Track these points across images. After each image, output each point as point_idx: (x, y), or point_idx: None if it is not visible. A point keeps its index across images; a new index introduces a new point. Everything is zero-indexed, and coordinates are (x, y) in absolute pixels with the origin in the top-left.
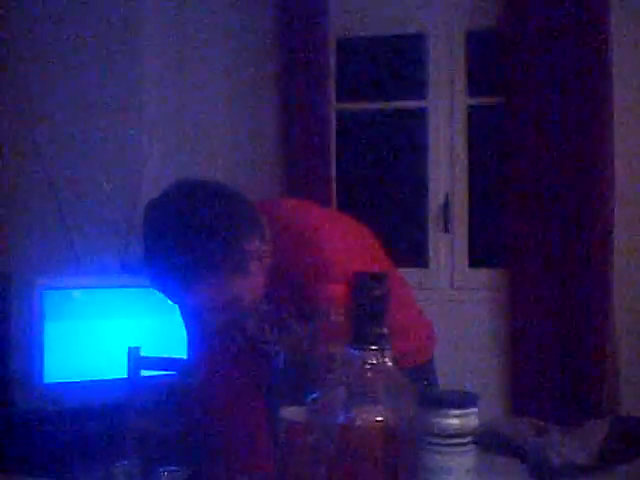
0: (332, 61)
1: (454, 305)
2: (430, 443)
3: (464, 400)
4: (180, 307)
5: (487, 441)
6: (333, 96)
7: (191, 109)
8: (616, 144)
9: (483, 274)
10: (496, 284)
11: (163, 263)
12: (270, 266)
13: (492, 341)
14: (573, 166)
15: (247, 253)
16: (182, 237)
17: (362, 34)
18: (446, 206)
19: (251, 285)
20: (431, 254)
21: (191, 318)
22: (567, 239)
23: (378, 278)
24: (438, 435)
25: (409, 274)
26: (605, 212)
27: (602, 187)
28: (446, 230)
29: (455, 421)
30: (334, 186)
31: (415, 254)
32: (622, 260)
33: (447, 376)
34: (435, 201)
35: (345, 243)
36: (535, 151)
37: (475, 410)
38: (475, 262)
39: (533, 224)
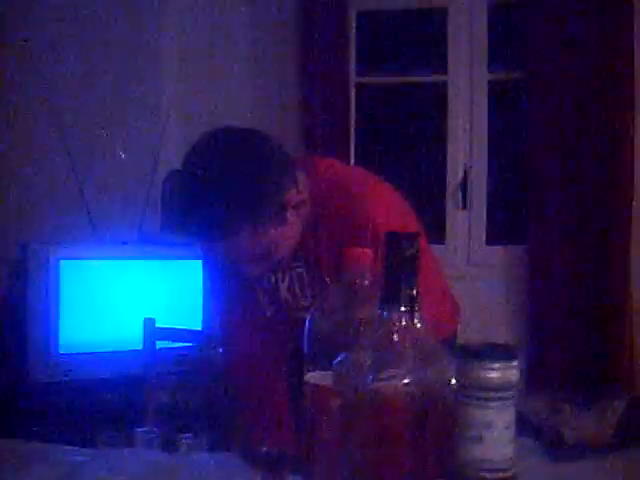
0: (352, 34)
1: (470, 282)
2: (470, 397)
3: (505, 353)
4: (212, 267)
5: None
6: (353, 69)
7: (210, 79)
8: (637, 118)
9: (500, 251)
10: (513, 261)
11: (201, 212)
12: (310, 223)
13: (509, 318)
14: (593, 141)
15: (285, 201)
16: (221, 185)
17: (382, 7)
18: (464, 182)
19: (288, 234)
20: (448, 230)
21: (222, 279)
22: (585, 216)
23: (411, 238)
24: (479, 389)
25: None
26: (625, 188)
27: (622, 162)
28: (464, 206)
29: (496, 374)
30: (352, 159)
31: (432, 230)
32: None
33: None
34: (453, 177)
35: (391, 203)
36: (555, 127)
37: (516, 364)
38: (492, 238)
39: (551, 200)
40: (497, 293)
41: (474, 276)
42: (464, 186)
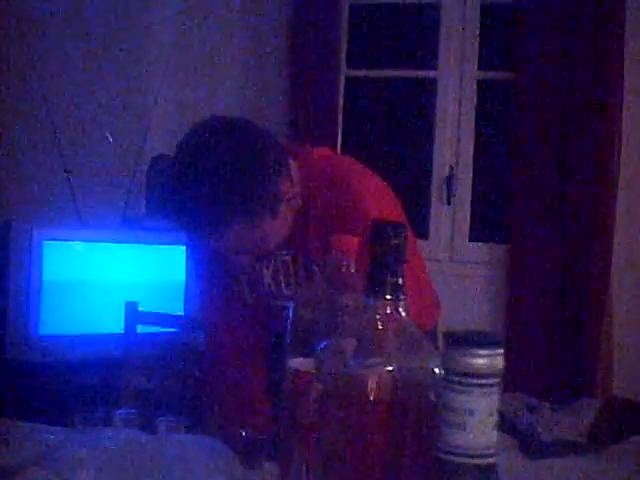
0: (344, 27)
1: (452, 278)
2: (455, 383)
3: (492, 340)
4: (196, 253)
5: None
6: (343, 62)
7: (199, 67)
8: (625, 124)
9: (483, 248)
10: (495, 259)
11: (194, 204)
12: (301, 212)
13: (489, 316)
14: (579, 144)
15: (277, 194)
16: (214, 177)
17: (375, 1)
18: (450, 178)
19: (279, 226)
20: (432, 226)
21: (205, 265)
22: (569, 216)
23: (397, 228)
24: (464, 375)
25: None
26: (608, 190)
27: (607, 165)
28: (448, 202)
29: (482, 361)
30: (339, 152)
31: (416, 225)
32: (623, 240)
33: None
34: (439, 173)
35: (384, 195)
36: (542, 128)
37: (501, 352)
38: (475, 236)
39: (535, 200)
40: (478, 290)
41: (456, 272)
42: (449, 182)
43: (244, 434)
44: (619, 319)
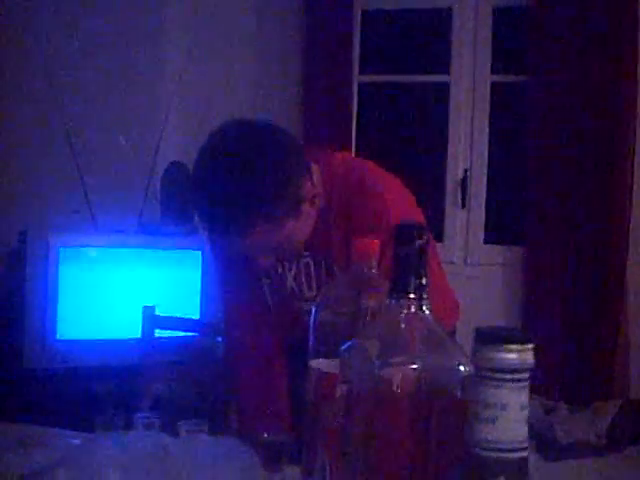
0: (357, 32)
1: (467, 280)
2: (487, 379)
3: (522, 336)
4: (218, 255)
5: None
6: (356, 68)
7: (213, 73)
8: (639, 125)
9: (498, 250)
10: (510, 261)
11: (218, 207)
12: (323, 215)
13: (504, 318)
14: (593, 146)
15: (300, 194)
16: (237, 179)
17: (387, 6)
18: (464, 181)
19: (303, 227)
20: (446, 229)
21: (227, 267)
22: (583, 217)
23: (421, 229)
24: (496, 370)
25: None
26: (623, 191)
27: (621, 167)
28: (463, 205)
29: (514, 356)
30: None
31: (431, 228)
32: (638, 241)
33: None
34: (453, 176)
35: (404, 198)
36: (555, 130)
37: (531, 346)
38: (490, 238)
39: (550, 202)
40: (493, 292)
41: (471, 275)
42: (464, 185)
43: (266, 437)
44: (635, 319)
